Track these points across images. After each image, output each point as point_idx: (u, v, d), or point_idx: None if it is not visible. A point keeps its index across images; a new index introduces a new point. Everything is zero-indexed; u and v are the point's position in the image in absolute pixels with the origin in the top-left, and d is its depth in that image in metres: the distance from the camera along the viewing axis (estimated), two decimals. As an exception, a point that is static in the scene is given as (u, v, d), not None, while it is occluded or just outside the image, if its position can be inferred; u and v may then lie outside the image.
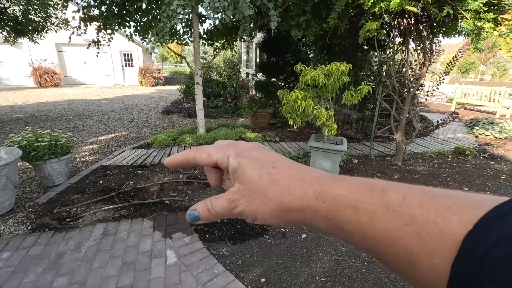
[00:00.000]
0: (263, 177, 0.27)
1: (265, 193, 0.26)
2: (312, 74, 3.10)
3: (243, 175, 0.28)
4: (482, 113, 9.83)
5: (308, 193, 0.25)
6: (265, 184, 0.27)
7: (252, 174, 0.27)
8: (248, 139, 5.13)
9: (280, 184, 0.26)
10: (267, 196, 0.26)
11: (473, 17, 3.26)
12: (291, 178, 0.26)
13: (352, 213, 0.23)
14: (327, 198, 0.24)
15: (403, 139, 4.26)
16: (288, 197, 0.26)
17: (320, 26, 4.44)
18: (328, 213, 0.24)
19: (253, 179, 0.27)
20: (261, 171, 0.27)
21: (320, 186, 0.25)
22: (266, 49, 6.66)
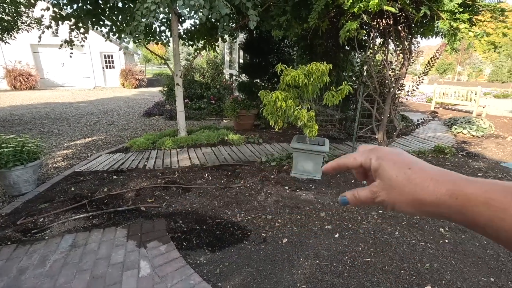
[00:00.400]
0: (400, 175, 0.33)
1: (402, 188, 0.32)
2: (292, 75, 3.04)
3: (383, 173, 0.34)
4: (459, 112, 10.14)
5: (440, 191, 0.30)
6: (401, 181, 0.33)
7: (391, 173, 0.34)
8: (231, 141, 5.03)
9: (415, 182, 0.32)
10: (404, 191, 0.32)
11: (449, 18, 3.31)
12: (425, 178, 0.32)
13: (484, 209, 0.27)
14: (460, 195, 0.29)
15: (384, 139, 4.28)
16: (421, 193, 0.31)
17: (301, 26, 4.41)
18: (462, 208, 0.29)
19: (392, 177, 0.33)
20: (398, 171, 0.33)
21: (453, 186, 0.30)
22: (248, 50, 6.60)
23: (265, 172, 3.74)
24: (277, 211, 2.79)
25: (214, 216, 2.71)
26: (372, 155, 0.37)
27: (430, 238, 2.46)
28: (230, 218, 2.68)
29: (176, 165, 3.92)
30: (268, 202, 2.96)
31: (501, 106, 11.93)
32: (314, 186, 3.35)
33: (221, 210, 2.81)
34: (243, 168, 3.89)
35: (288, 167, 3.89)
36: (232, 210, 2.80)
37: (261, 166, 3.94)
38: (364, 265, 2.11)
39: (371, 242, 2.37)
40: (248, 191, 3.18)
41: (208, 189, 3.20)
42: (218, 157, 4.32)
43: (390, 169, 0.34)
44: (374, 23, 3.92)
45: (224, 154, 4.47)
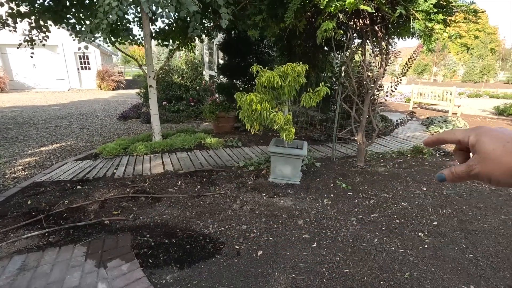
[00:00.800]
0: (498, 148, 0.35)
1: (499, 159, 0.35)
2: (267, 76, 2.91)
3: (480, 147, 0.37)
4: (436, 112, 10.39)
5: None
6: (499, 153, 0.35)
7: (488, 146, 0.36)
8: (208, 145, 4.84)
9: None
10: (501, 161, 0.34)
11: (424, 18, 3.29)
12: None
13: None
14: None
15: (364, 140, 4.23)
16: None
17: (278, 26, 4.29)
18: None
19: (489, 150, 0.36)
20: (496, 145, 0.35)
21: None
22: (226, 50, 6.42)
23: (242, 178, 3.58)
24: (252, 220, 2.64)
25: (185, 228, 2.52)
26: (472, 132, 0.38)
27: (410, 244, 2.38)
28: (202, 230, 2.50)
29: (147, 172, 3.69)
30: (243, 210, 2.80)
31: (474, 105, 12.36)
32: (293, 192, 3.23)
33: (193, 221, 2.62)
34: (219, 174, 3.71)
35: (267, 172, 3.75)
36: (204, 221, 2.62)
37: (238, 171, 3.78)
38: (343, 277, 1.99)
39: (350, 251, 2.26)
40: (223, 199, 3.01)
41: (180, 198, 3.00)
42: (193, 162, 4.12)
43: (488, 143, 0.36)
44: (351, 23, 3.86)
45: (201, 159, 4.27)
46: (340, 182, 3.52)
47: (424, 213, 2.91)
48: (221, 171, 3.81)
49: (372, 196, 3.21)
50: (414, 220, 2.77)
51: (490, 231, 2.63)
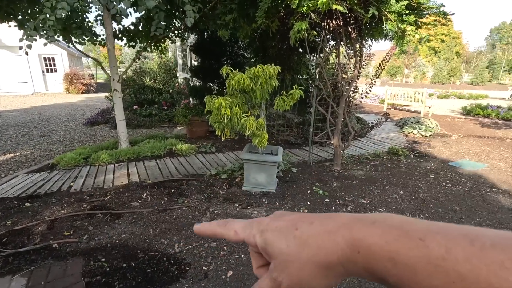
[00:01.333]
0: (291, 243, 0.26)
1: (298, 258, 0.25)
2: (237, 78, 2.71)
3: (273, 249, 0.27)
4: (409, 113, 10.68)
5: (339, 243, 0.24)
6: (295, 249, 0.26)
7: (280, 245, 0.27)
8: (179, 152, 4.55)
9: (309, 243, 0.25)
10: (302, 261, 0.25)
11: (397, 19, 3.24)
12: (317, 234, 0.25)
13: (391, 266, 0.21)
14: (361, 248, 0.23)
15: (340, 144, 4.14)
16: (321, 255, 0.24)
17: (250, 26, 4.12)
18: (367, 264, 0.23)
19: (283, 249, 0.26)
20: (287, 239, 0.26)
21: (349, 233, 0.24)
22: (199, 52, 6.16)
23: (214, 187, 3.35)
24: (223, 236, 2.42)
25: (147, 249, 2.26)
26: (255, 231, 0.29)
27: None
28: (167, 250, 2.25)
29: (109, 184, 3.36)
30: (213, 225, 2.57)
31: (443, 106, 12.88)
32: (267, 201, 3.04)
33: (157, 239, 2.36)
34: (189, 183, 3.46)
35: (241, 180, 3.54)
36: (170, 239, 2.37)
37: (210, 180, 3.54)
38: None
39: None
40: (191, 213, 2.76)
41: (144, 213, 2.72)
42: (162, 171, 3.83)
43: (278, 240, 0.27)
44: (325, 24, 3.76)
45: (170, 167, 3.99)
46: (317, 189, 3.38)
47: (402, 218, 2.82)
48: (191, 180, 3.56)
49: (349, 203, 3.09)
50: (392, 227, 2.67)
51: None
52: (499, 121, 8.98)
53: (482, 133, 7.28)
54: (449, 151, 5.59)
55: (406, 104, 11.07)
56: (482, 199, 3.34)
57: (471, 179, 3.98)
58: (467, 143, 6.23)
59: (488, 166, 4.66)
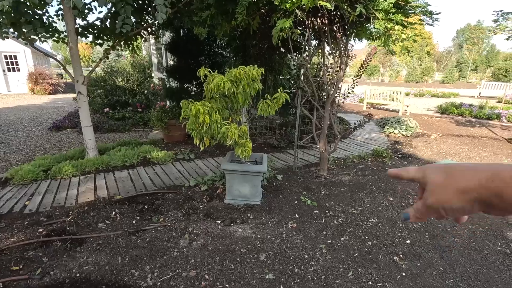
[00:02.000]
0: (441, 175, 0.38)
1: (444, 184, 0.37)
2: (216, 82, 2.42)
3: (427, 180, 0.40)
4: (388, 112, 10.81)
5: (479, 177, 0.34)
6: (443, 179, 0.37)
7: (433, 176, 0.39)
8: (155, 160, 4.18)
9: (455, 175, 0.37)
10: (447, 186, 0.37)
11: (384, 18, 3.08)
12: (464, 169, 0.37)
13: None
14: (496, 179, 0.33)
15: (326, 148, 3.96)
16: (462, 182, 0.35)
17: (229, 24, 3.83)
18: (498, 190, 0.32)
19: (434, 179, 0.39)
20: (438, 173, 0.39)
21: (490, 172, 0.34)
22: (175, 51, 5.78)
23: (194, 201, 3.03)
24: (204, 262, 2.12)
25: (114, 283, 1.92)
26: (420, 169, 0.42)
27: (387, 274, 2.07)
28: (138, 283, 1.93)
29: (72, 202, 2.95)
30: (193, 248, 2.27)
31: (419, 104, 13.20)
32: (253, 215, 2.78)
33: (126, 270, 2.03)
34: (166, 197, 3.12)
35: (223, 191, 3.25)
36: (141, 269, 2.04)
37: (189, 193, 3.22)
38: (317, 334, 1.59)
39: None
40: (167, 234, 2.44)
41: (111, 237, 2.37)
42: (135, 183, 3.46)
43: (432, 173, 0.39)
44: (309, 22, 3.54)
45: (144, 178, 3.62)
46: (305, 198, 3.16)
47: (395, 229, 2.67)
48: (168, 193, 3.22)
49: (339, 213, 2.90)
50: (387, 240, 2.50)
51: (462, 246, 2.46)
52: (473, 119, 9.27)
53: (459, 132, 7.44)
54: (431, 151, 5.60)
55: (385, 103, 11.21)
56: (471, 203, 3.27)
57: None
58: (447, 143, 6.30)
59: (470, 167, 4.67)
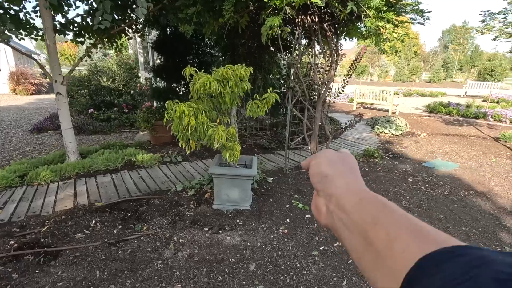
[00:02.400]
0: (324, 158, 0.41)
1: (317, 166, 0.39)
2: (202, 81, 2.29)
3: (318, 157, 0.41)
4: (378, 111, 10.86)
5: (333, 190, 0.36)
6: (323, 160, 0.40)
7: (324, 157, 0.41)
8: (140, 163, 4.00)
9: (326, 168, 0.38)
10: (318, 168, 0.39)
11: (376, 16, 3.01)
12: (335, 176, 0.37)
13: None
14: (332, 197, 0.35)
15: (317, 149, 3.87)
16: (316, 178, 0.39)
17: (217, 21, 3.69)
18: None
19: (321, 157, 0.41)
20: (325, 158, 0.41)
21: (337, 196, 0.35)
22: (161, 50, 5.59)
23: (180, 207, 2.89)
24: (190, 274, 1.99)
25: (91, 300, 1.77)
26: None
27: (382, 282, 1.99)
28: (117, 299, 1.78)
29: (49, 210, 2.76)
30: (178, 259, 2.13)
31: (408, 104, 13.34)
32: (242, 221, 2.65)
33: (105, 285, 1.87)
34: (150, 203, 2.96)
35: (211, 195, 3.12)
36: (121, 284, 1.89)
37: (175, 198, 3.07)
38: None
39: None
40: (151, 244, 2.30)
41: (90, 249, 2.20)
42: (118, 189, 3.28)
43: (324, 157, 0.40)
44: (299, 20, 3.44)
45: (129, 183, 3.45)
46: (296, 202, 3.06)
47: (389, 233, 2.59)
48: (153, 198, 3.06)
49: (332, 217, 2.81)
50: (381, 244, 2.42)
51: (457, 249, 2.39)
52: (460, 118, 9.39)
53: (448, 131, 7.50)
54: (421, 150, 5.60)
55: (374, 102, 11.27)
56: (463, 204, 3.24)
57: (448, 181, 3.91)
58: (436, 142, 6.32)
59: (460, 166, 4.67)
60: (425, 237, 0.23)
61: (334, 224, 0.32)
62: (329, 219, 0.34)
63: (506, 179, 4.11)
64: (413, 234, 0.24)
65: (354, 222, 0.29)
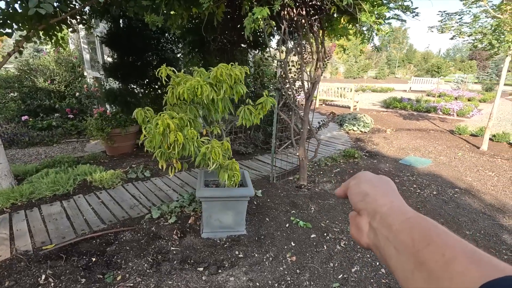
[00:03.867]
0: (364, 183, 0.40)
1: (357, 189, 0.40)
2: (190, 85, 1.78)
3: (359, 177, 0.42)
4: (340, 108, 11.09)
5: (371, 209, 0.37)
6: (367, 186, 0.39)
7: (363, 180, 0.41)
8: (98, 183, 3.28)
9: (367, 189, 0.39)
10: (358, 193, 0.39)
11: (371, 11, 2.77)
12: (374, 193, 0.38)
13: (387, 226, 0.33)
14: (377, 214, 0.35)
15: (306, 155, 3.57)
16: (355, 198, 0.39)
17: (188, 12, 3.15)
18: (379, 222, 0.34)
19: (361, 180, 0.41)
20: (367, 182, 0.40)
21: (381, 213, 0.35)
22: (114, 45, 4.77)
23: (161, 240, 2.33)
24: None
25: None
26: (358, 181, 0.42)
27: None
28: None
29: (-26, 266, 1.99)
30: (174, 322, 1.62)
31: (364, 99, 13.95)
32: (243, 253, 2.21)
33: None
34: (121, 239, 2.35)
35: (196, 219, 2.61)
36: None
37: (152, 229, 2.49)
38: None
39: None
40: (132, 302, 1.73)
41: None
42: (73, 221, 2.58)
43: (363, 182, 0.40)
44: (285, 13, 3.07)
45: (87, 212, 2.75)
46: (296, 219, 2.71)
47: (402, 247, 2.38)
48: (124, 231, 2.44)
49: (339, 235, 2.51)
50: (399, 263, 2.19)
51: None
52: (414, 113, 10.00)
53: (409, 126, 7.87)
54: (392, 147, 5.68)
55: (335, 99, 11.52)
56: (456, 204, 3.21)
57: (431, 180, 3.92)
58: (403, 137, 6.52)
59: (433, 162, 4.80)
60: (485, 263, 0.23)
61: (378, 242, 0.32)
62: (371, 238, 0.34)
63: (478, 172, 4.28)
64: (470, 257, 0.24)
65: (403, 241, 0.29)
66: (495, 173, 4.26)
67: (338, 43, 4.06)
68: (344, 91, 11.11)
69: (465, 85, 16.05)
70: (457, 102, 10.68)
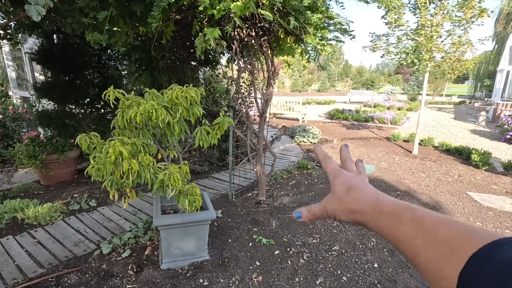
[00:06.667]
0: (342, 190, 0.42)
1: (342, 200, 0.41)
2: (144, 109, 1.68)
3: (332, 187, 0.43)
4: (288, 120, 11.57)
5: (366, 203, 0.39)
6: (343, 194, 0.41)
7: (337, 187, 0.42)
8: (33, 220, 2.84)
9: (352, 195, 0.41)
10: (344, 203, 0.41)
11: (315, 33, 3.00)
12: (358, 192, 0.41)
13: (390, 221, 0.36)
14: (376, 208, 0.38)
15: (263, 171, 3.62)
16: (354, 205, 0.40)
17: (135, 30, 3.02)
18: (376, 218, 0.37)
19: (336, 190, 0.42)
20: (341, 186, 0.42)
21: (375, 202, 0.38)
22: (48, 63, 4.30)
23: (115, 279, 2.10)
24: None
25: None
26: (333, 173, 0.45)
27: (382, 318, 1.83)
28: None
29: None
30: None
31: (310, 112, 14.81)
32: (207, 281, 2.11)
33: None
34: (64, 283, 2.05)
35: (153, 250, 2.42)
36: None
37: (103, 266, 2.23)
38: None
39: None
40: None
41: None
42: (1, 270, 2.18)
43: (337, 184, 0.43)
44: (235, 33, 3.14)
45: (19, 256, 2.35)
46: (258, 237, 2.69)
47: (358, 253, 2.53)
48: (68, 273, 2.14)
49: (301, 248, 2.56)
50: (358, 269, 2.31)
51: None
52: (355, 123, 10.93)
53: (352, 135, 8.55)
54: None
55: (284, 113, 12.01)
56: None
57: (378, 185, 4.27)
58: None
59: (375, 168, 5.26)
60: (479, 231, 0.28)
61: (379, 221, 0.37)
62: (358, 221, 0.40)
63: (413, 175, 4.81)
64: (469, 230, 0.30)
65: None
66: (426, 174, 4.84)
67: (283, 58, 4.30)
68: (292, 104, 11.65)
69: (394, 96, 18.18)
70: (389, 111, 11.98)
